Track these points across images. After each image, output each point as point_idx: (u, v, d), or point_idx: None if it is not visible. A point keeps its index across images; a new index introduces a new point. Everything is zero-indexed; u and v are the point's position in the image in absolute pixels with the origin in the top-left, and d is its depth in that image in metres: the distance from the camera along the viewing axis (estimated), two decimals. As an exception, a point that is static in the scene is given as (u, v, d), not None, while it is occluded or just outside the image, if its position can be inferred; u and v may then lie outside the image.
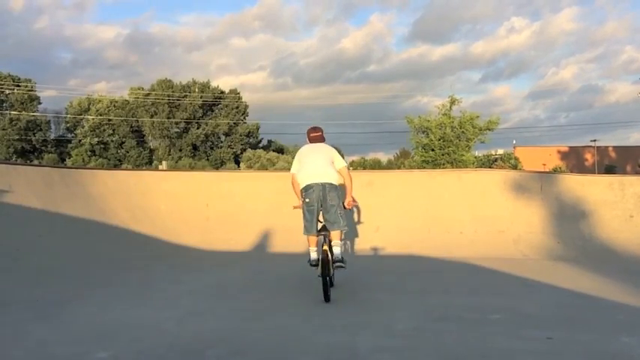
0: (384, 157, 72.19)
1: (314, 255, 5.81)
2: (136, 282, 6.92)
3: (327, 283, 5.59)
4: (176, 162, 59.34)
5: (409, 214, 10.40)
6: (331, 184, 5.86)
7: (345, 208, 6.05)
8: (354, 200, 6.19)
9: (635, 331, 4.51)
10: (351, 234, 9.90)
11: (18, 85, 59.05)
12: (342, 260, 5.73)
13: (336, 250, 5.76)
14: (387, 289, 6.41)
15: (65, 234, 7.81)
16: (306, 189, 5.86)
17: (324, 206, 5.83)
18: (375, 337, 4.32)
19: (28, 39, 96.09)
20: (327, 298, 5.59)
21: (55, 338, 4.33)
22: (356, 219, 9.91)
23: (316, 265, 5.71)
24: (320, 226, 5.98)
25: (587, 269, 7.88)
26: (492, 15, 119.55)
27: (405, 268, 8.19)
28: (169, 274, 7.62)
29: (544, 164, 47.56)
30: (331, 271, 5.78)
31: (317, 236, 5.86)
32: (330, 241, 5.84)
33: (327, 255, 5.66)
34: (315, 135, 6.24)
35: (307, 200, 5.84)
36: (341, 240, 5.87)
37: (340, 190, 6.03)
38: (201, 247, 9.67)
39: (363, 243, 9.69)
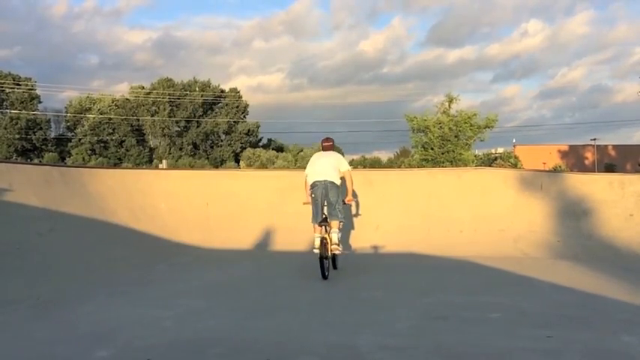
0: (385, 156, 71.90)
1: (317, 241, 6.91)
2: (136, 281, 6.92)
3: (324, 264, 6.77)
4: (176, 161, 59.30)
5: (409, 213, 10.39)
6: (332, 182, 7.08)
7: (344, 203, 7.36)
8: (353, 197, 7.39)
9: (635, 330, 4.51)
10: (350, 232, 9.90)
11: (18, 84, 59.03)
12: (338, 244, 7.05)
13: (334, 235, 7.01)
14: (386, 288, 6.42)
15: (65, 233, 7.80)
16: (312, 186, 7.15)
17: (327, 201, 7.07)
18: (375, 336, 4.32)
19: (56, 43, 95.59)
20: (324, 276, 6.73)
21: (55, 337, 4.34)
22: (354, 212, 9.97)
23: (318, 248, 6.85)
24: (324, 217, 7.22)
25: (587, 268, 7.88)
26: (509, 19, 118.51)
27: (404, 267, 8.19)
28: (169, 273, 7.64)
29: (544, 163, 47.59)
30: (329, 253, 6.94)
31: (320, 225, 7.07)
32: (330, 229, 7.06)
33: (326, 240, 6.90)
34: (327, 144, 7.65)
35: (313, 195, 7.12)
36: (339, 229, 7.13)
37: (340, 188, 7.23)
38: (201, 246, 9.68)
39: (363, 241, 9.68)
